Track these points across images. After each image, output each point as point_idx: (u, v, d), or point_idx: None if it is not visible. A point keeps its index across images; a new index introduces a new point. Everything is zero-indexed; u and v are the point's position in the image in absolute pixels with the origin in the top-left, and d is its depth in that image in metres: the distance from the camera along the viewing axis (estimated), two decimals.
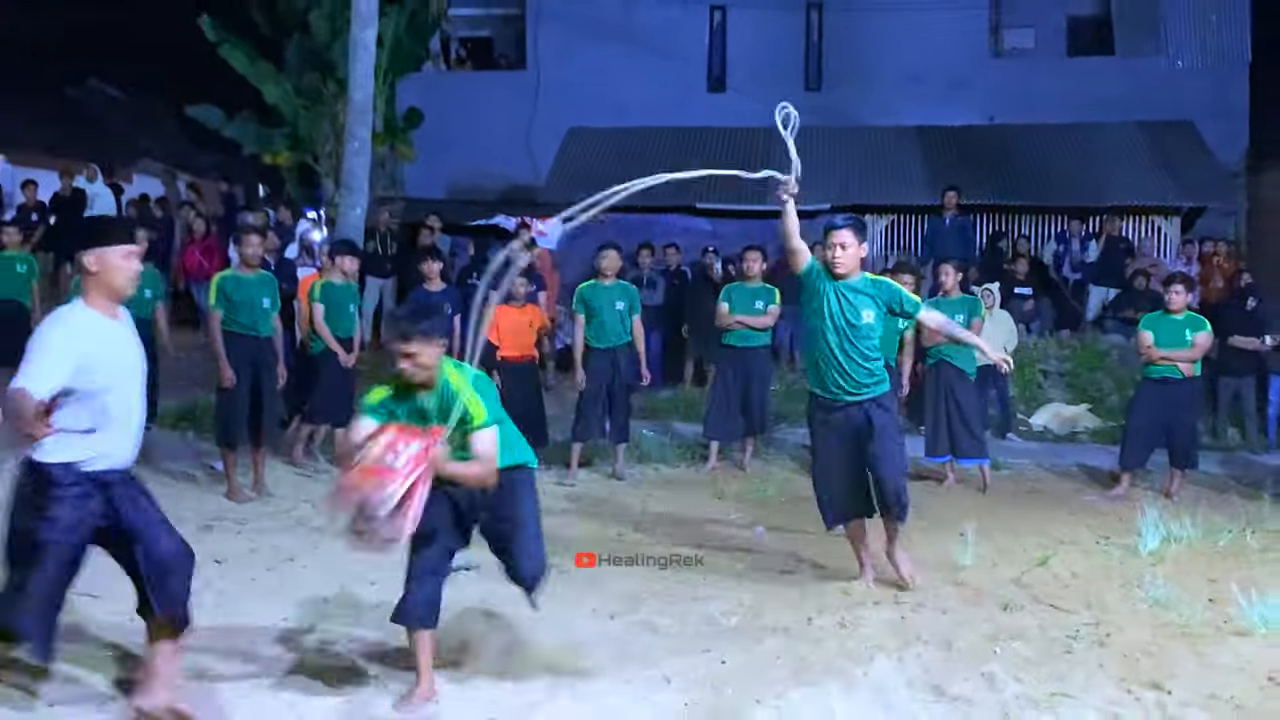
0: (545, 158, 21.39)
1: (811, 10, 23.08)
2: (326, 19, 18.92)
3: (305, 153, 20.34)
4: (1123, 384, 12.79)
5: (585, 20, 22.88)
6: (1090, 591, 7.06)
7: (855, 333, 6.78)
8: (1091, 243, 17.25)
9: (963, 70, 22.29)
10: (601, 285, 10.73)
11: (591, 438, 10.71)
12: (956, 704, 5.17)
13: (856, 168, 19.71)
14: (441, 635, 5.35)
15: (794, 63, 23.20)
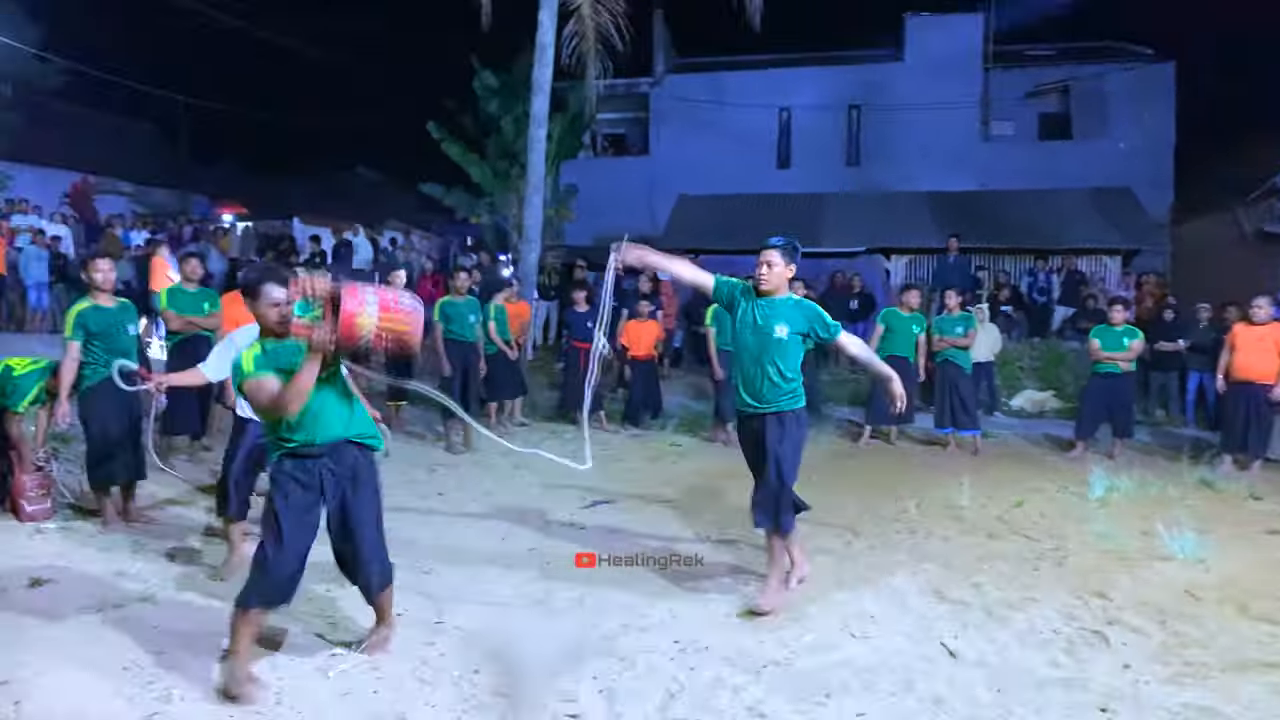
0: (662, 216, 21.48)
1: (853, 110, 22.97)
2: (513, 122, 19.19)
3: (498, 215, 20.68)
4: (1079, 376, 12.42)
5: (690, 120, 23.04)
6: (1053, 526, 6.85)
7: (766, 346, 5.07)
8: (1054, 275, 16.95)
9: (961, 150, 22.02)
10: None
11: (731, 418, 10.28)
12: (954, 605, 5.06)
13: (883, 220, 19.48)
14: None
15: (839, 146, 23.12)
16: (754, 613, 4.83)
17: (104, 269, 6.13)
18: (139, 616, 4.65)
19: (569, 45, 13.90)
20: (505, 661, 4.19)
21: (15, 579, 5.02)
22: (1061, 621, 4.82)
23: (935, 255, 17.58)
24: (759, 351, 5.08)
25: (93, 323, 6.03)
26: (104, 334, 6.07)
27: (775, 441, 5.03)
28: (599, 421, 10.84)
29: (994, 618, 4.87)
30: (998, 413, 12.69)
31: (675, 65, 24.65)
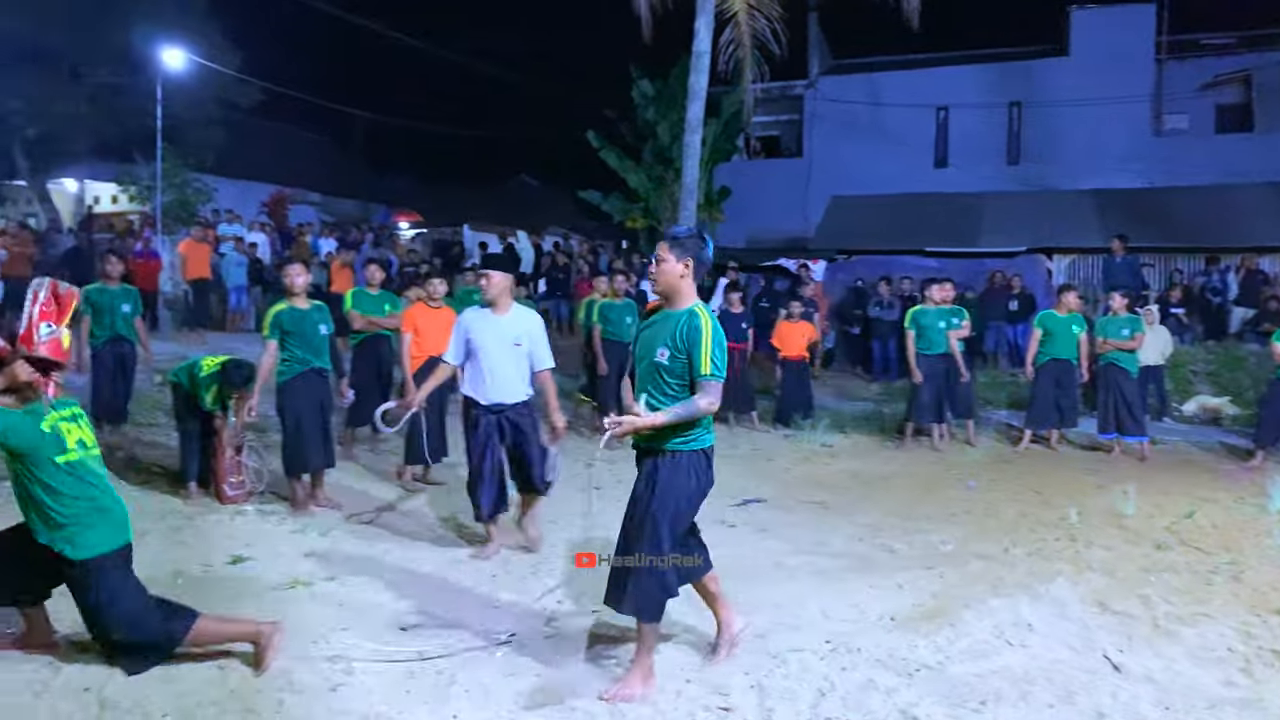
0: (815, 217, 21.22)
1: (1013, 107, 22.06)
2: (669, 129, 19.41)
3: (653, 219, 20.93)
4: (1258, 381, 11.51)
5: (845, 121, 22.66)
6: (1228, 538, 6.38)
7: (653, 369, 3.86)
8: (1230, 275, 15.80)
9: (1130, 146, 20.76)
10: (928, 310, 10.00)
11: (928, 419, 9.93)
12: (1119, 617, 4.79)
13: (1045, 220, 18.63)
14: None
15: (998, 144, 22.26)
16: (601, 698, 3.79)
17: (296, 274, 6.60)
18: (326, 593, 4.96)
19: (725, 52, 13.89)
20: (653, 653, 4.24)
21: (219, 556, 5.45)
22: (1237, 639, 4.50)
23: (1100, 255, 16.71)
24: (650, 374, 3.89)
25: (288, 323, 6.46)
26: (298, 333, 6.49)
27: (652, 489, 3.86)
28: (750, 421, 10.81)
29: (1162, 632, 4.60)
30: (1167, 418, 11.91)
31: (830, 67, 24.27)
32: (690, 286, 3.91)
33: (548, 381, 5.69)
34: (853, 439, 10.34)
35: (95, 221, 21.34)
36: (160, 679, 3.74)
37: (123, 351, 8.05)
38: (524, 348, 5.61)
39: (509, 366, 5.56)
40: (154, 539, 5.78)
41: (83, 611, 3.80)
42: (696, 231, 3.95)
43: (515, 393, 5.61)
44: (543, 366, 5.64)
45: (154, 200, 19.61)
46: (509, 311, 5.63)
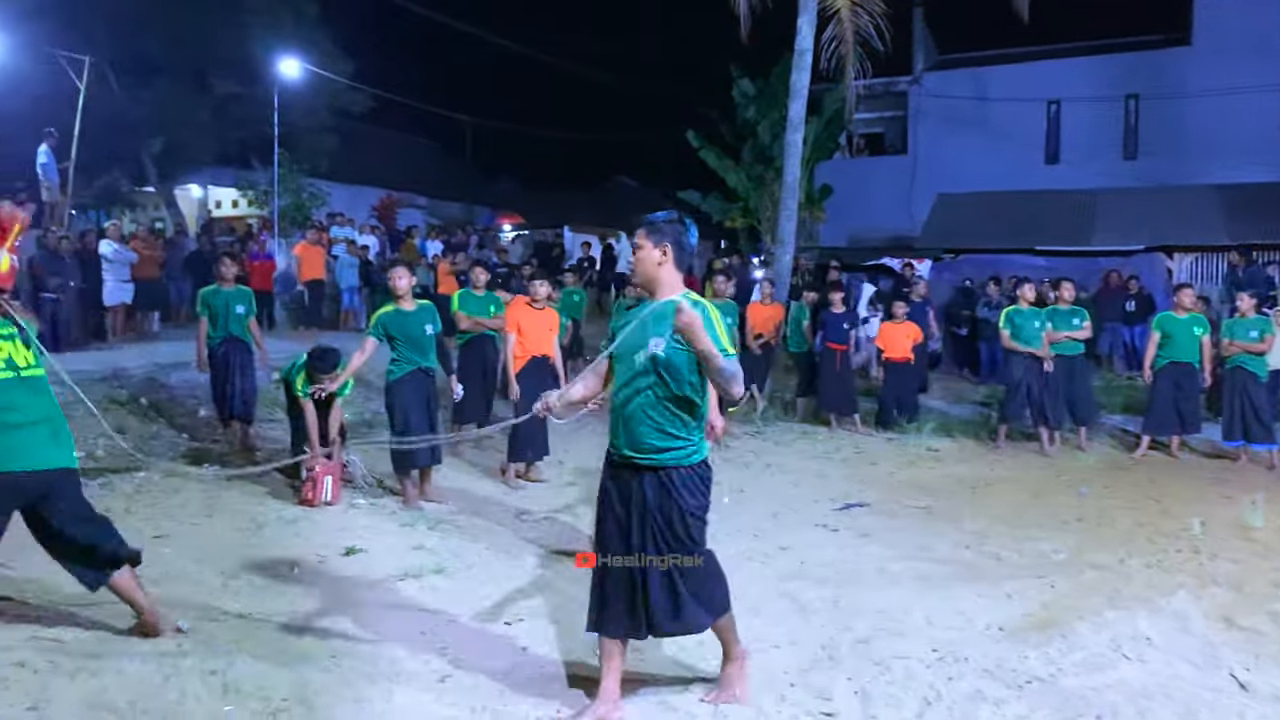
0: (920, 215, 20.78)
1: (1130, 100, 21.16)
2: (769, 128, 19.32)
3: (752, 219, 20.87)
4: None
5: (951, 116, 22.11)
6: None
7: (641, 369, 3.45)
8: None
9: (1258, 139, 19.55)
10: (1023, 310, 9.77)
11: (1022, 420, 9.84)
12: (1246, 633, 4.55)
13: (1164, 216, 17.81)
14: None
15: (1114, 138, 21.39)
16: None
17: (398, 276, 6.78)
18: (433, 585, 5.10)
19: (827, 49, 13.73)
20: (755, 657, 4.23)
21: (333, 549, 5.65)
22: None
23: (1225, 253, 15.92)
24: (631, 375, 3.48)
25: (392, 325, 6.65)
26: (403, 335, 6.68)
27: (654, 507, 3.48)
28: (853, 424, 10.64)
29: None
30: None
31: (935, 62, 23.75)
32: (671, 275, 3.50)
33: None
34: (959, 443, 10.07)
35: (216, 225, 22.35)
36: (280, 665, 3.90)
37: (237, 352, 8.25)
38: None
39: None
40: (271, 530, 6.05)
41: None
42: (676, 215, 3.56)
43: None
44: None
45: (271, 205, 20.41)
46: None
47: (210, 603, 4.60)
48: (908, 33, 22.22)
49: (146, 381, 9.64)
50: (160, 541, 5.58)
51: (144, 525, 5.91)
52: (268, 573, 5.18)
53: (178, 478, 7.08)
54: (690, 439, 3.48)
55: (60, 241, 12.21)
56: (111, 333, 12.93)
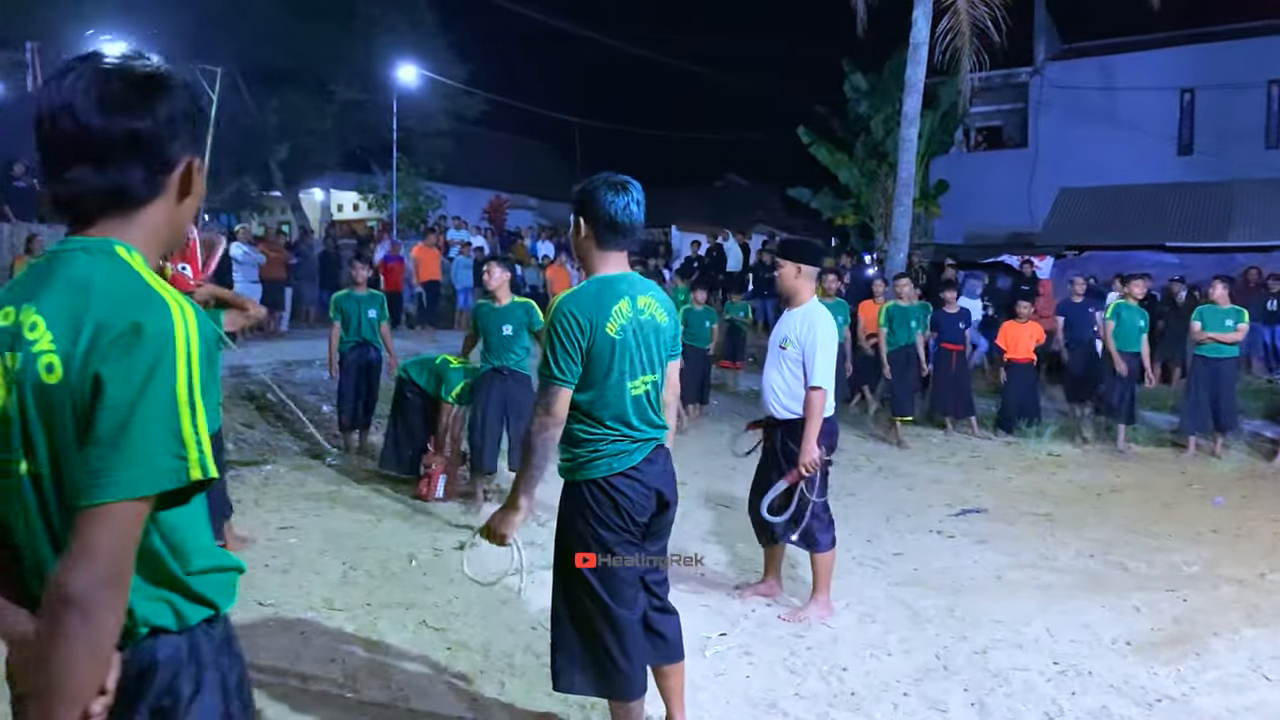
0: (1041, 211, 20.08)
1: (1272, 85, 19.94)
2: (882, 123, 18.96)
3: (865, 215, 20.50)
4: None
5: (1075, 107, 21.25)
6: None
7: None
8: None
9: None
10: (1129, 305, 9.62)
11: (1118, 418, 9.63)
12: None
13: None
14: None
15: (1254, 127, 20.20)
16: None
17: (489, 272, 6.66)
18: (544, 581, 5.15)
19: (943, 42, 13.37)
20: (867, 663, 4.16)
21: (447, 541, 5.81)
22: None
23: None
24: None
25: (480, 319, 6.62)
26: (485, 330, 6.56)
27: None
28: (969, 427, 10.34)
29: None
30: None
31: (1058, 52, 22.87)
32: (595, 255, 2.94)
33: (812, 401, 4.45)
34: (1082, 448, 9.68)
35: (338, 228, 23.24)
36: (395, 656, 4.03)
37: (368, 357, 8.21)
38: (792, 353, 4.54)
39: (773, 371, 4.65)
40: (389, 523, 6.25)
41: None
42: (597, 181, 2.93)
43: (777, 406, 4.62)
44: (810, 382, 4.45)
45: (390, 207, 21.09)
46: (796, 308, 4.62)
47: (332, 594, 4.78)
48: (1028, 22, 21.47)
49: (273, 377, 10.05)
50: (287, 532, 5.83)
51: (271, 516, 6.20)
52: (386, 564, 5.35)
53: (300, 471, 7.40)
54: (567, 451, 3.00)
55: None
56: (240, 331, 13.54)
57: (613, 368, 2.85)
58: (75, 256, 1.32)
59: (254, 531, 5.78)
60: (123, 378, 1.22)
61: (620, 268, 2.95)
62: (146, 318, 1.25)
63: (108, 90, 1.30)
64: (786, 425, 4.61)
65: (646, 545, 3.05)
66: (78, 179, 1.31)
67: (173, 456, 1.24)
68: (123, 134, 1.30)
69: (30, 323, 1.28)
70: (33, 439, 1.28)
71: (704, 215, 26.99)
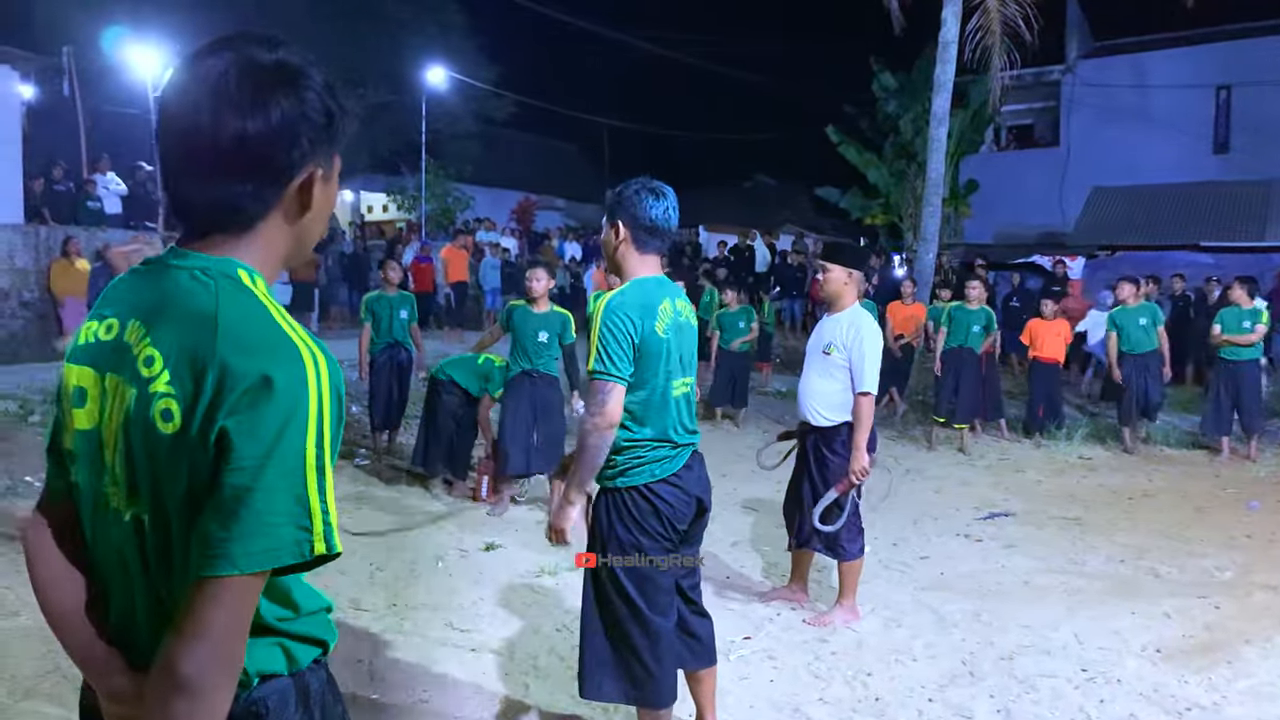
0: (1073, 211, 19.85)
1: None
2: (911, 122, 18.84)
3: (894, 215, 20.37)
4: None
5: (1108, 106, 20.97)
6: None
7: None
8: None
9: None
10: (1130, 308, 9.54)
11: (1129, 424, 9.55)
12: None
13: None
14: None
15: None
16: None
17: (535, 279, 6.63)
18: (569, 583, 5.17)
19: (973, 40, 13.24)
20: (892, 669, 4.13)
21: (474, 543, 5.84)
22: None
23: None
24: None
25: (516, 320, 6.60)
26: (520, 333, 6.56)
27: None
28: (998, 429, 10.24)
29: None
30: None
31: (1091, 49, 22.60)
32: (632, 259, 2.93)
33: (860, 407, 4.43)
34: (1112, 451, 9.56)
35: (367, 229, 23.42)
36: (421, 657, 4.06)
37: (399, 358, 8.19)
38: (837, 358, 4.48)
39: (813, 377, 4.60)
40: (417, 523, 6.29)
41: None
42: (635, 186, 2.93)
43: (817, 412, 4.57)
44: (859, 388, 4.41)
45: (419, 209, 21.23)
46: (839, 313, 4.59)
47: (359, 594, 4.82)
48: (1060, 20, 21.21)
49: None
50: None
51: None
52: (414, 565, 5.39)
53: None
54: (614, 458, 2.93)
55: None
56: None
57: (660, 368, 2.86)
58: (193, 279, 1.18)
59: None
60: (250, 437, 1.09)
61: (656, 271, 2.97)
62: (278, 368, 1.12)
63: (219, 84, 1.15)
64: (822, 432, 4.59)
65: (682, 550, 3.04)
66: (183, 187, 1.20)
67: (297, 528, 1.12)
68: (228, 138, 1.15)
69: (146, 355, 1.15)
70: (138, 482, 1.17)
71: (732, 215, 26.93)
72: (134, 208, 14.60)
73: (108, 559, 1.24)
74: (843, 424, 4.52)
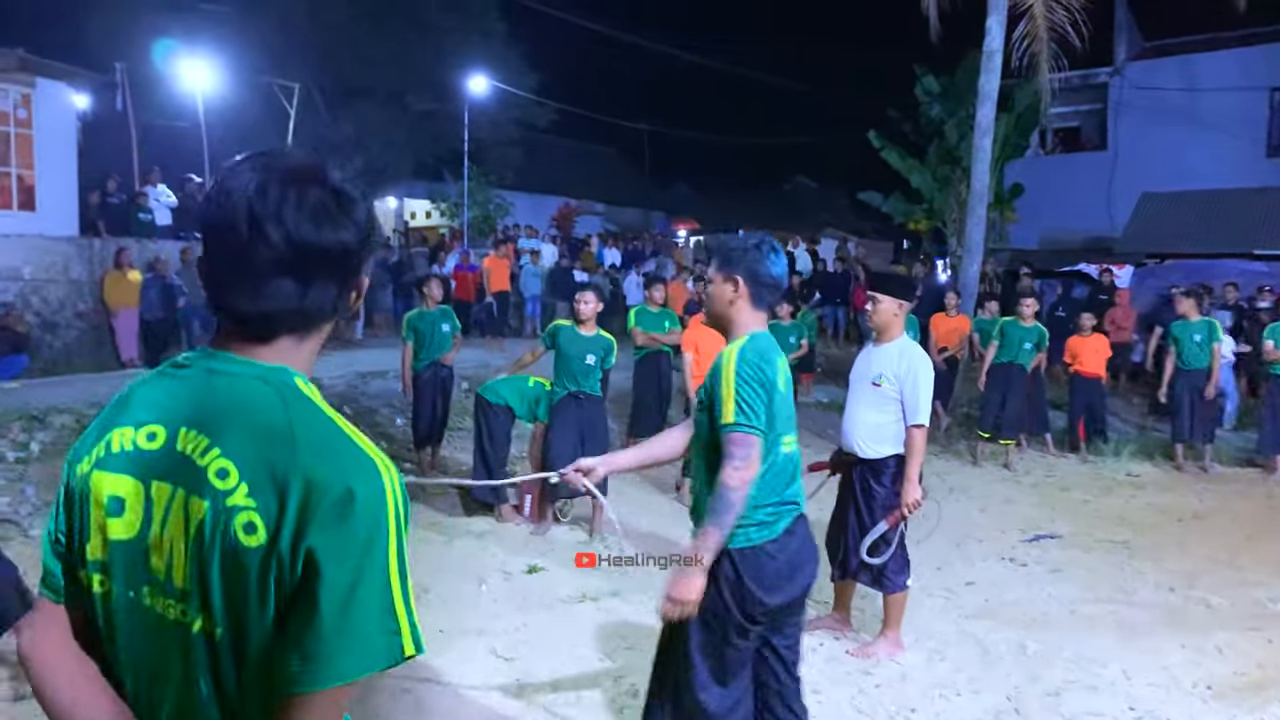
0: (1121, 217, 19.49)
1: None
2: (956, 127, 18.62)
3: (937, 220, 20.16)
4: None
5: (1157, 108, 20.55)
6: None
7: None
8: None
9: None
10: (1190, 322, 9.43)
11: (1184, 438, 9.40)
12: None
13: None
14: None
15: None
16: None
17: (583, 301, 6.67)
18: (610, 608, 5.22)
19: (1019, 47, 13.07)
20: (936, 704, 4.11)
21: (517, 565, 5.89)
22: None
23: None
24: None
25: (563, 340, 6.63)
26: (565, 355, 6.59)
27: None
28: (1044, 444, 10.11)
29: None
30: None
31: (1139, 51, 22.20)
32: (746, 313, 2.88)
33: (914, 439, 4.46)
34: (1163, 468, 9.41)
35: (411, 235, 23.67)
36: (466, 687, 4.11)
37: (441, 375, 8.23)
38: (887, 390, 4.50)
39: (861, 409, 4.60)
40: (461, 543, 6.36)
41: None
42: (755, 240, 2.93)
43: (864, 444, 4.57)
44: (913, 420, 4.45)
45: (461, 216, 21.42)
46: (887, 343, 4.63)
47: None
48: (1108, 21, 20.85)
49: (348, 389, 10.29)
50: None
51: None
52: (458, 587, 5.45)
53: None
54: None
55: None
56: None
57: (776, 424, 2.78)
58: (258, 390, 1.19)
59: None
60: (340, 553, 1.11)
61: (765, 326, 2.92)
62: (359, 482, 1.14)
63: (316, 199, 1.20)
64: (870, 464, 4.57)
65: (783, 619, 2.85)
66: (275, 295, 1.19)
67: (389, 634, 1.15)
68: (334, 249, 1.20)
69: (219, 468, 1.15)
70: (210, 595, 1.15)
71: (771, 219, 26.85)
72: (183, 219, 14.89)
73: (159, 672, 1.21)
74: (891, 456, 4.51)
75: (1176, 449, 9.43)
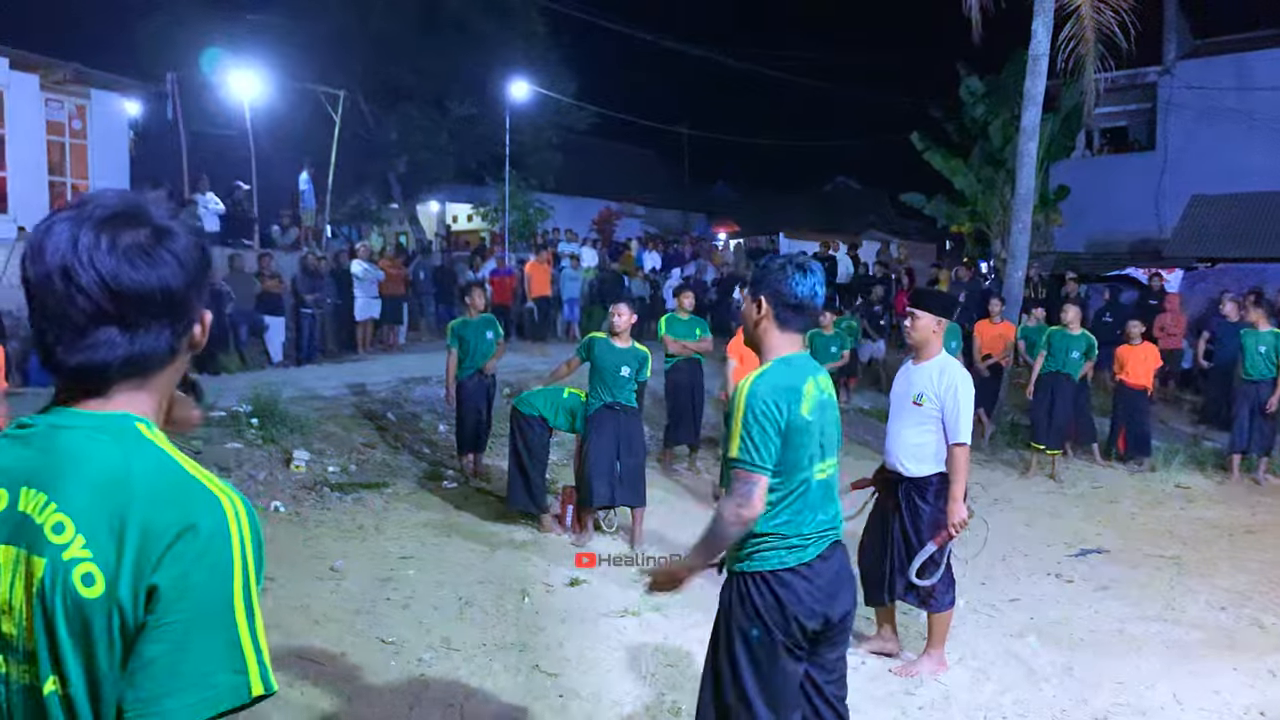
0: (1170, 219, 19.15)
1: None
2: (1000, 128, 18.42)
3: (980, 222, 19.95)
4: None
5: (1208, 108, 20.14)
6: None
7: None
8: None
9: None
10: (1252, 332, 9.30)
11: (1241, 448, 9.22)
12: None
13: None
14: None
15: None
16: None
17: (618, 314, 6.69)
18: (651, 623, 5.23)
19: (1064, 49, 12.86)
20: None
21: (558, 577, 5.92)
22: None
23: None
24: None
25: (595, 352, 6.69)
26: (600, 368, 6.62)
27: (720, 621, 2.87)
28: (1091, 454, 9.96)
29: None
30: None
31: (1190, 49, 21.78)
32: (774, 336, 2.80)
33: (956, 459, 4.46)
34: (1215, 480, 9.24)
35: (452, 239, 23.87)
36: (509, 704, 4.15)
37: (485, 381, 8.33)
38: (928, 409, 4.48)
39: (903, 428, 4.58)
40: (503, 554, 6.41)
41: None
42: (780, 260, 2.85)
43: (907, 463, 4.55)
44: (954, 439, 4.44)
45: (502, 220, 21.55)
46: (926, 361, 4.59)
47: (449, 631, 4.94)
48: (1158, 19, 20.48)
49: (391, 395, 10.39)
50: (407, 562, 6.05)
51: (391, 545, 6.42)
52: (500, 600, 5.49)
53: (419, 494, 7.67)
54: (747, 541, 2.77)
55: (319, 261, 13.47)
56: (361, 345, 14.09)
57: (804, 454, 2.70)
58: (95, 440, 1.16)
59: (376, 561, 6.04)
60: (177, 591, 1.09)
61: (798, 348, 2.81)
62: (200, 518, 1.12)
63: (130, 240, 1.15)
64: (914, 482, 4.55)
65: (822, 651, 2.79)
66: (101, 345, 1.15)
67: (233, 673, 1.11)
68: (156, 290, 1.16)
69: (54, 523, 1.12)
70: (62, 658, 1.11)
71: (813, 221, 26.71)
72: (231, 225, 15.16)
73: None
74: (934, 474, 4.48)
75: (1232, 460, 9.24)
